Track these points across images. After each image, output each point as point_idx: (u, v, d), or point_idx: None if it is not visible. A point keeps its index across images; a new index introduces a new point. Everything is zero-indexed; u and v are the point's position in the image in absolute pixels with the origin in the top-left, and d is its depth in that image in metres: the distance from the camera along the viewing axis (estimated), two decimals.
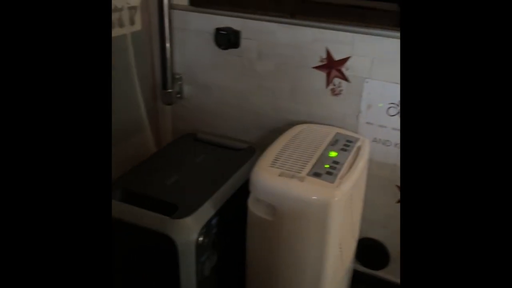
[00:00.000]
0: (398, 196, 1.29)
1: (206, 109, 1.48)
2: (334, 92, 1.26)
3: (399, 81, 1.16)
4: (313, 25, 1.22)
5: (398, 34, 1.13)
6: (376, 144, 1.26)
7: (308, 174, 1.00)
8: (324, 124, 1.29)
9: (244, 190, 1.08)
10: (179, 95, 1.48)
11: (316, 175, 1.00)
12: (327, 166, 1.04)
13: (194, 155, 1.29)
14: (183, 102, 1.50)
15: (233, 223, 1.11)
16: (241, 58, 1.35)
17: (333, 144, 1.15)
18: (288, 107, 1.35)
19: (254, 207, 1.03)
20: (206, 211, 1.04)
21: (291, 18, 1.27)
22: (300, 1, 1.30)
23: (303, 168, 1.02)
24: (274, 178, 0.99)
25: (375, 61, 1.18)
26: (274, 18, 1.28)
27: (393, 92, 1.18)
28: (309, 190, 0.96)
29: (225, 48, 1.35)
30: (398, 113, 1.20)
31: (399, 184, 1.28)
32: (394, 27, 1.15)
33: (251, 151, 1.31)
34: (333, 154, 1.10)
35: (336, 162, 1.06)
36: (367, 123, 1.25)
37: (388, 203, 1.31)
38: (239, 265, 1.15)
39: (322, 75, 1.26)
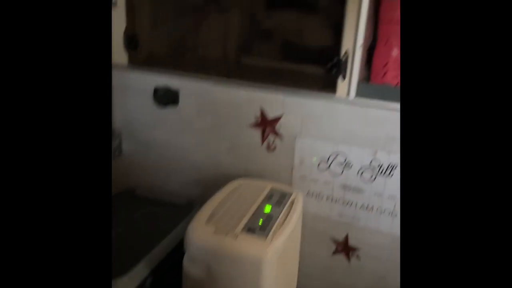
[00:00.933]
0: (333, 248, 1.34)
1: (146, 165, 1.49)
2: (269, 149, 1.32)
3: (327, 138, 1.24)
4: (247, 84, 1.29)
5: (325, 95, 1.22)
6: (310, 198, 1.31)
7: (242, 231, 1.02)
8: (261, 178, 1.34)
9: (181, 247, 1.08)
10: (118, 152, 1.49)
11: (250, 231, 1.02)
12: (260, 221, 1.07)
13: (131, 211, 1.28)
14: (123, 158, 1.50)
15: (169, 282, 1.10)
16: (180, 116, 1.39)
17: (268, 198, 1.19)
18: (227, 162, 1.38)
19: (189, 266, 1.03)
20: (141, 271, 1.03)
21: (227, 77, 1.33)
22: (236, 63, 1.37)
23: (237, 224, 1.04)
24: (208, 236, 1.01)
25: (305, 119, 1.25)
26: (211, 77, 1.34)
27: (323, 148, 1.25)
28: (241, 247, 0.98)
29: (165, 105, 1.39)
30: (327, 168, 1.27)
31: (333, 236, 1.33)
32: (320, 89, 1.24)
33: (190, 207, 1.32)
34: (267, 209, 1.13)
35: (270, 217, 1.09)
36: (301, 177, 1.31)
37: (324, 255, 1.35)
38: None
39: (257, 132, 1.31)
